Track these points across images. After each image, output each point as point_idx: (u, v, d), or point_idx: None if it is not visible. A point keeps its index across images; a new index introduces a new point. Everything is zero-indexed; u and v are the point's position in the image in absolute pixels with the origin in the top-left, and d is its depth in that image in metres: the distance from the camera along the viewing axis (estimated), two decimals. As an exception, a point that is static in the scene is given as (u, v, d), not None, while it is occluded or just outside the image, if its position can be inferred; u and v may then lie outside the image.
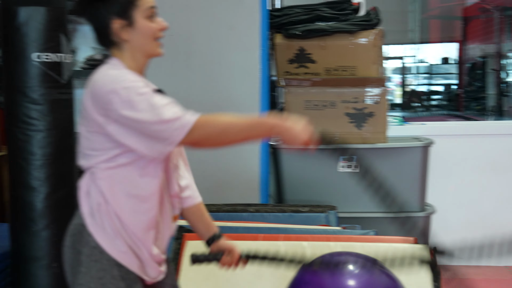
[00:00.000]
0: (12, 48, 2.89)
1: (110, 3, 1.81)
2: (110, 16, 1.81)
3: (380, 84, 3.70)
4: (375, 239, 3.03)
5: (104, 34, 1.84)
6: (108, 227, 1.81)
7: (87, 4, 1.83)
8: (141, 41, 1.84)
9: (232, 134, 1.78)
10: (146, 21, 1.84)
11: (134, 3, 1.82)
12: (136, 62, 1.86)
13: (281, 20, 3.85)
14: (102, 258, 1.80)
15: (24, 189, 2.89)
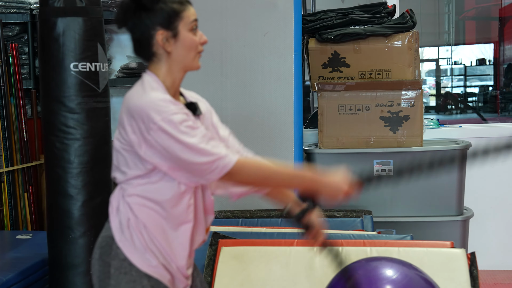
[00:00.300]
0: (50, 58, 2.92)
1: (155, 13, 1.78)
2: (155, 26, 1.79)
3: (416, 87, 3.64)
4: (412, 244, 2.98)
5: (146, 45, 1.82)
6: (138, 241, 1.80)
7: (131, 14, 1.80)
8: (183, 54, 1.82)
9: (271, 182, 1.80)
10: (189, 33, 1.82)
11: (180, 15, 1.80)
12: (173, 76, 1.84)
13: (314, 24, 3.83)
14: (132, 270, 1.79)
15: (62, 197, 2.92)
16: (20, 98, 3.82)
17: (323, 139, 3.73)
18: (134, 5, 1.79)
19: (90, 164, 2.92)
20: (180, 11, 1.80)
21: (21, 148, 3.80)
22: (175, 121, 1.71)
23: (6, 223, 3.69)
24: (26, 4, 4.07)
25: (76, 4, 2.90)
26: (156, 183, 1.79)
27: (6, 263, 2.99)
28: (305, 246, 2.96)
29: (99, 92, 2.96)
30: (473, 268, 2.82)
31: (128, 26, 1.82)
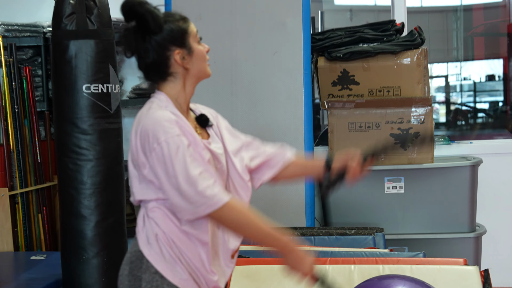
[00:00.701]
0: (63, 80, 2.94)
1: (166, 35, 1.81)
2: (170, 47, 1.81)
3: (425, 103, 3.63)
4: (424, 261, 2.95)
5: (163, 67, 1.83)
6: (167, 254, 1.79)
7: (141, 40, 1.81)
8: (199, 66, 1.87)
9: (247, 232, 1.79)
10: (198, 45, 1.87)
11: (187, 31, 1.84)
12: (186, 91, 1.87)
13: (323, 43, 3.83)
14: (163, 283, 1.78)
15: (75, 218, 2.92)
16: (34, 120, 3.84)
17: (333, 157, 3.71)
18: (141, 31, 1.80)
19: (103, 185, 2.93)
20: (186, 28, 1.84)
21: (35, 170, 3.81)
22: (177, 142, 1.71)
23: (21, 244, 3.69)
24: (39, 28, 4.11)
25: (88, 27, 2.93)
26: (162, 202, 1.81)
27: (21, 284, 2.99)
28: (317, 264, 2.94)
29: (111, 113, 2.97)
30: (486, 285, 2.78)
31: (139, 53, 1.83)
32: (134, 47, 1.82)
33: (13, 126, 3.72)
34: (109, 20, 3.03)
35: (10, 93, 3.75)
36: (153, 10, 1.80)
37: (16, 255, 3.54)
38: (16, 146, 3.72)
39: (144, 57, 1.83)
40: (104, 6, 3.00)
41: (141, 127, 1.76)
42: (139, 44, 1.81)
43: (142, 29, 1.80)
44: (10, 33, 4.04)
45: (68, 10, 2.92)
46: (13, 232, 3.65)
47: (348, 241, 3.29)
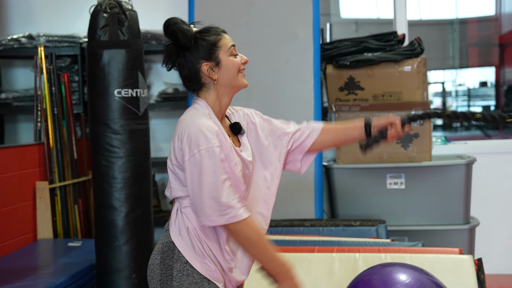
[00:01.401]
0: (97, 85, 2.94)
1: (196, 50, 1.81)
2: (199, 61, 1.81)
3: (424, 107, 3.59)
4: (423, 251, 2.92)
5: (195, 79, 1.84)
6: (197, 247, 1.79)
7: (176, 56, 1.83)
8: (228, 77, 1.84)
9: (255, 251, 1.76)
10: (230, 58, 1.84)
11: (217, 45, 1.83)
12: (221, 101, 1.85)
13: (331, 52, 3.81)
14: (193, 273, 1.77)
15: (107, 209, 2.92)
16: (71, 121, 3.86)
17: (340, 155, 3.69)
18: (176, 48, 1.82)
19: (132, 180, 2.93)
20: (216, 42, 1.83)
21: (72, 165, 3.82)
22: (215, 153, 1.70)
23: (59, 232, 3.71)
24: (76, 39, 4.12)
25: (120, 37, 2.93)
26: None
27: (59, 268, 3.00)
28: (325, 253, 2.92)
29: (139, 115, 2.97)
30: (480, 272, 2.75)
31: (176, 67, 1.85)
32: (171, 61, 1.85)
33: (53, 126, 3.74)
34: (138, 32, 3.03)
35: (50, 97, 3.76)
36: (183, 28, 1.80)
37: (55, 242, 3.55)
38: (55, 144, 3.73)
39: (179, 70, 1.85)
40: (134, 19, 3.01)
41: (185, 132, 1.74)
42: (175, 58, 1.84)
43: (176, 45, 1.81)
44: (50, 43, 4.06)
45: (102, 22, 2.93)
46: (52, 221, 3.67)
47: (354, 232, 3.27)
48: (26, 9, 4.48)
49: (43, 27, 4.37)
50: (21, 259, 3.16)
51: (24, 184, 3.53)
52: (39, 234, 3.59)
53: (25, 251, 3.33)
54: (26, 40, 4.07)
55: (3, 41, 4.08)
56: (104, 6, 2.94)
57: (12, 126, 4.49)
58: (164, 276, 1.78)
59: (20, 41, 4.07)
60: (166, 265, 1.78)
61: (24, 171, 3.53)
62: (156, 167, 4.26)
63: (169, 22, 1.80)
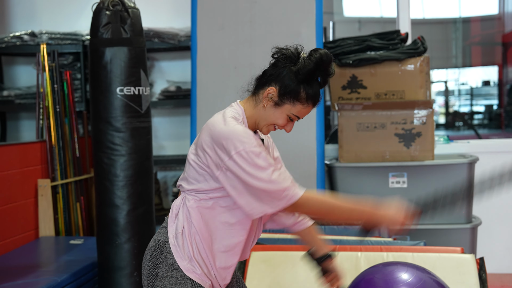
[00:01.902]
0: (99, 83, 2.94)
1: (291, 77, 1.75)
2: (278, 83, 1.76)
3: (427, 106, 3.59)
4: (425, 250, 2.91)
5: (261, 84, 1.80)
6: (187, 249, 1.79)
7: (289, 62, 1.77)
8: (264, 117, 1.80)
9: (334, 216, 1.76)
10: (283, 115, 1.78)
11: (295, 101, 1.76)
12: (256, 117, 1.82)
13: (334, 51, 3.80)
14: (177, 274, 1.78)
15: (109, 207, 2.93)
16: (73, 119, 3.86)
17: (343, 154, 3.69)
18: (293, 57, 1.77)
19: (134, 178, 2.93)
20: (299, 99, 1.76)
21: (74, 163, 3.83)
22: (255, 151, 1.69)
23: (61, 229, 3.71)
24: (78, 36, 4.12)
25: (122, 35, 2.93)
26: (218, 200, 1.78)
27: (61, 265, 3.00)
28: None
29: (142, 113, 2.97)
30: (482, 272, 2.74)
31: (276, 59, 1.80)
32: (279, 55, 1.80)
33: (55, 124, 3.74)
34: (141, 29, 3.03)
35: (53, 94, 3.76)
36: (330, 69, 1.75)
37: (57, 239, 3.56)
38: (58, 142, 3.73)
39: (271, 65, 1.81)
40: (136, 16, 3.00)
41: (220, 134, 1.72)
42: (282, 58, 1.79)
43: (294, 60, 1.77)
44: (53, 40, 4.07)
45: (105, 20, 2.92)
46: (54, 219, 3.67)
47: (356, 231, 3.26)
48: (28, 6, 4.48)
49: (45, 25, 4.38)
50: (23, 256, 3.17)
51: (26, 181, 3.53)
52: (41, 231, 3.60)
53: (27, 248, 3.33)
54: (29, 37, 4.07)
55: (6, 38, 4.08)
56: (106, 3, 2.94)
57: (14, 124, 4.49)
58: (151, 274, 1.80)
59: (22, 39, 4.07)
60: (154, 263, 1.80)
61: (26, 169, 3.53)
62: (158, 165, 4.26)
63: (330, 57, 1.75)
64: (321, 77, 1.77)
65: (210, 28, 3.69)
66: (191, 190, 1.80)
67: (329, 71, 1.77)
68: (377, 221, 1.78)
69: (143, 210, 2.95)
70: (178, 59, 4.38)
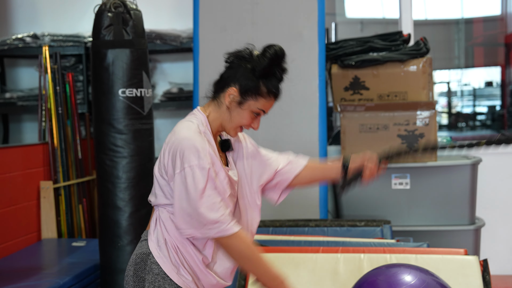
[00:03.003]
0: (101, 85, 2.94)
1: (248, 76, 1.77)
2: (236, 82, 1.78)
3: (430, 107, 3.58)
4: (428, 251, 2.90)
5: (220, 87, 1.81)
6: (174, 258, 1.78)
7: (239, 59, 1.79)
8: (229, 119, 1.80)
9: (251, 265, 1.77)
10: (248, 113, 1.79)
11: (258, 96, 1.77)
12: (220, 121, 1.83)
13: (337, 52, 3.80)
14: (165, 283, 1.77)
15: (111, 209, 2.92)
16: (76, 121, 3.86)
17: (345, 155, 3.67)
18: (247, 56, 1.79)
19: (136, 180, 2.92)
20: (261, 94, 1.78)
21: (76, 165, 3.83)
22: (206, 171, 1.69)
23: (63, 231, 3.71)
24: (81, 38, 4.13)
25: (124, 37, 2.92)
26: None
27: (63, 267, 3.00)
28: (330, 253, 2.91)
29: (144, 115, 2.97)
30: (485, 273, 2.73)
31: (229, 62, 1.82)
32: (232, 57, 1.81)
33: (57, 126, 3.74)
34: (143, 31, 3.03)
35: (55, 96, 3.76)
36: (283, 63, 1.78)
37: (59, 242, 3.56)
38: (60, 144, 3.73)
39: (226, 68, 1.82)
40: (138, 18, 3.00)
41: (177, 144, 1.73)
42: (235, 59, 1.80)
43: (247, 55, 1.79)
44: (55, 43, 4.07)
45: (107, 22, 2.92)
46: (56, 221, 3.67)
47: (358, 232, 3.25)
48: (30, 8, 4.48)
49: (47, 27, 4.38)
50: (25, 258, 3.17)
51: (28, 183, 3.53)
52: (43, 233, 3.59)
53: (29, 250, 3.33)
54: (31, 39, 4.08)
55: (8, 40, 4.09)
56: (108, 5, 2.94)
57: (17, 126, 4.50)
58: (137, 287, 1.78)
59: (24, 41, 4.07)
60: (139, 276, 1.78)
61: (28, 171, 3.53)
62: (160, 166, 4.26)
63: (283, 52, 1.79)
64: (277, 71, 1.79)
65: (212, 30, 3.69)
66: (160, 203, 1.81)
67: (284, 66, 1.80)
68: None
69: (145, 212, 2.94)
70: (180, 60, 4.37)
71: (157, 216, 1.83)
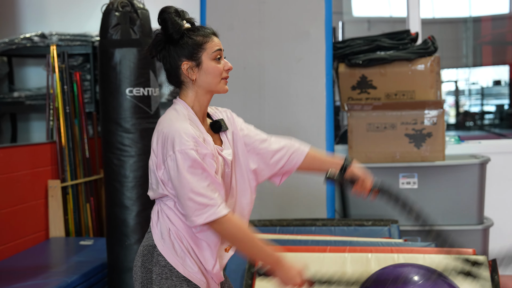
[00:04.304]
0: (108, 84, 2.95)
1: (181, 47, 1.79)
2: (180, 58, 1.79)
3: (438, 106, 3.56)
4: (436, 251, 2.89)
5: (175, 74, 1.83)
6: (179, 249, 1.78)
7: (162, 47, 1.81)
8: (207, 80, 1.81)
9: (245, 246, 1.75)
10: (212, 62, 1.81)
11: (202, 46, 1.80)
12: (200, 100, 1.83)
13: (344, 51, 3.79)
14: (172, 275, 1.77)
15: (119, 208, 2.93)
16: (83, 120, 3.87)
17: (352, 155, 3.67)
18: (164, 39, 1.80)
19: (143, 179, 2.93)
20: (202, 43, 1.80)
21: (84, 164, 3.84)
22: (189, 155, 1.69)
23: (71, 230, 3.72)
24: (88, 37, 4.14)
25: (131, 36, 2.93)
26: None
27: (71, 266, 3.01)
28: (337, 253, 2.90)
29: (151, 114, 2.97)
30: (494, 274, 2.71)
31: (159, 58, 1.84)
32: (155, 51, 1.83)
33: (65, 125, 3.75)
34: (150, 30, 3.03)
35: (62, 95, 3.78)
36: (175, 19, 1.78)
37: (67, 240, 3.57)
38: (67, 143, 3.75)
39: (163, 63, 1.84)
40: (145, 17, 3.01)
41: (162, 133, 1.74)
42: (159, 50, 1.82)
43: (164, 35, 1.80)
44: (63, 42, 4.08)
45: (114, 21, 2.93)
46: (64, 219, 3.68)
47: (366, 232, 3.24)
48: (38, 8, 4.50)
49: (55, 26, 4.39)
50: (33, 257, 3.18)
51: (36, 182, 3.54)
52: (51, 232, 3.61)
53: (37, 249, 3.35)
54: (39, 38, 4.09)
55: (16, 39, 4.10)
56: (116, 5, 2.94)
57: (25, 125, 4.51)
58: (145, 279, 1.79)
59: (32, 40, 4.09)
60: (146, 268, 1.79)
61: (36, 170, 3.54)
62: (167, 166, 4.26)
63: (163, 10, 1.79)
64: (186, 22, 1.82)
65: (219, 29, 3.65)
66: (159, 196, 1.81)
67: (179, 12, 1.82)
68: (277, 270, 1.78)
69: (152, 211, 2.95)
70: (187, 59, 4.37)
71: (158, 209, 1.83)
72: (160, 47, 1.81)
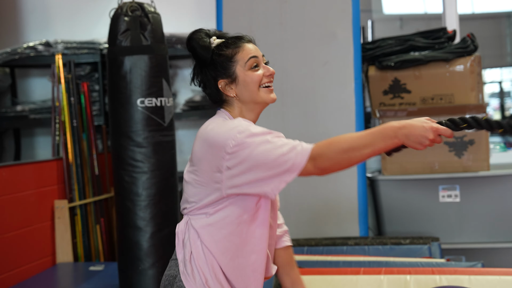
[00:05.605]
0: (118, 95, 2.98)
1: (213, 66, 1.83)
2: (216, 78, 1.84)
3: (480, 110, 3.53)
4: (483, 272, 2.85)
5: (215, 95, 1.86)
6: (198, 277, 1.78)
7: (199, 72, 1.87)
8: (247, 93, 1.83)
9: (357, 150, 1.66)
10: (249, 72, 1.83)
11: (232, 60, 1.83)
12: (245, 117, 1.85)
13: (374, 52, 3.78)
14: None
15: (131, 229, 2.94)
16: (92, 134, 3.91)
17: (386, 166, 3.65)
18: (198, 64, 1.86)
19: (157, 197, 2.94)
20: (232, 56, 1.83)
21: (93, 182, 3.87)
22: (254, 132, 1.71)
23: (80, 254, 3.75)
24: (96, 45, 4.19)
25: (142, 42, 2.96)
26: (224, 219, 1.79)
27: (80, 294, 3.03)
28: (372, 275, 2.88)
29: (164, 126, 2.99)
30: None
31: (199, 84, 1.89)
32: (195, 78, 1.89)
33: (72, 140, 3.79)
34: (162, 36, 3.06)
35: (69, 108, 3.82)
36: (201, 43, 1.82)
37: (75, 266, 3.59)
38: (75, 159, 3.78)
39: (203, 88, 1.89)
40: (157, 22, 3.04)
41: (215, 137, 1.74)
42: (197, 75, 1.88)
43: (196, 61, 1.86)
44: (69, 50, 4.13)
45: (123, 27, 2.96)
46: (72, 243, 3.70)
47: (403, 251, 3.21)
48: (42, 15, 4.57)
49: (60, 34, 4.46)
50: (40, 285, 3.20)
51: (42, 203, 3.58)
52: (58, 257, 3.63)
53: (43, 276, 3.37)
54: (43, 47, 4.15)
55: (19, 49, 4.17)
56: (125, 9, 2.98)
57: (29, 141, 4.57)
58: None
59: (36, 49, 4.15)
60: None
61: (41, 189, 3.58)
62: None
63: (189, 37, 1.85)
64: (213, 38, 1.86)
65: (236, 32, 3.70)
66: (195, 209, 1.81)
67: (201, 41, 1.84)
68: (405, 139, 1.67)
69: (168, 232, 2.96)
70: (203, 66, 4.40)
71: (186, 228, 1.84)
72: (198, 74, 1.87)
